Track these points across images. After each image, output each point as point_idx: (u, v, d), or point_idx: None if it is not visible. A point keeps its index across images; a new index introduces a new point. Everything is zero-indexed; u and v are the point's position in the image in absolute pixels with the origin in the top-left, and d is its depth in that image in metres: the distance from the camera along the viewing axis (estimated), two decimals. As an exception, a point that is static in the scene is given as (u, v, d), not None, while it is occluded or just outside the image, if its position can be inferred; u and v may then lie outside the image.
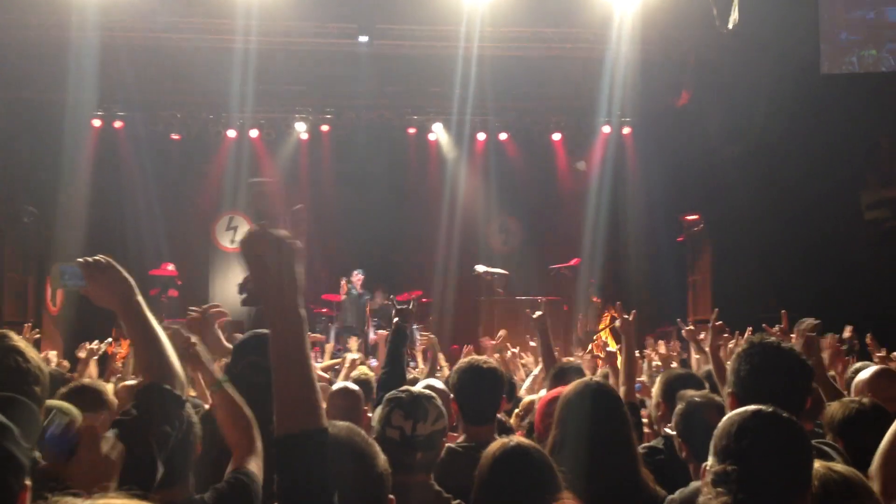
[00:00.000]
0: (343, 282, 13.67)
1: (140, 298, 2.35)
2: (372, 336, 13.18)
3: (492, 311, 12.87)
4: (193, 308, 3.52)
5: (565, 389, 3.27)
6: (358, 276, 13.65)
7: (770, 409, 2.11)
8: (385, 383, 4.06)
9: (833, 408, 3.25)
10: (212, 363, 2.84)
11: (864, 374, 3.83)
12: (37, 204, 12.98)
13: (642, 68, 13.24)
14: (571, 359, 7.48)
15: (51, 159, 12.76)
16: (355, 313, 13.66)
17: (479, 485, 2.50)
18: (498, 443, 2.56)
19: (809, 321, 4.16)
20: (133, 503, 1.37)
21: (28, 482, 1.64)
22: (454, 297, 14.40)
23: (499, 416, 3.86)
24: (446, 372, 7.33)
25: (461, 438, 3.39)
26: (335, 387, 4.21)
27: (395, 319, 4.50)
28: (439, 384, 4.13)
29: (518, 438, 2.61)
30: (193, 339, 2.87)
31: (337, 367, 7.22)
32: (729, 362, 2.91)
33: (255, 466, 2.57)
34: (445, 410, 2.91)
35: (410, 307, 4.62)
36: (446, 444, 3.26)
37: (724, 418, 2.19)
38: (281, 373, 1.67)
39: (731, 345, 4.97)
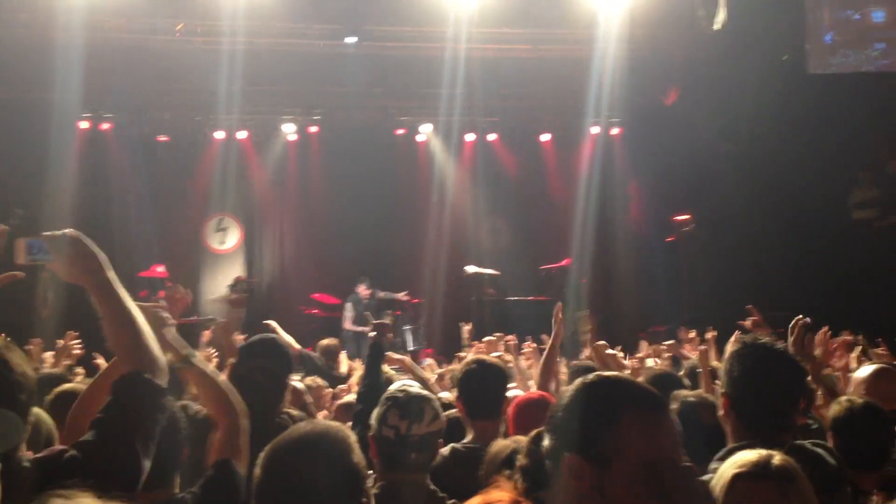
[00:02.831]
0: (349, 305, 13.61)
1: (113, 274, 2.18)
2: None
3: (482, 311, 12.87)
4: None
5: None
6: (364, 290, 13.63)
7: None
8: (364, 396, 4.04)
9: (832, 406, 3.26)
10: (179, 341, 2.76)
11: (863, 373, 3.83)
12: (24, 205, 12.88)
13: (630, 67, 13.24)
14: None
15: (37, 161, 12.66)
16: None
17: None
18: None
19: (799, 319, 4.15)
20: None
21: None
22: (444, 298, 14.37)
23: None
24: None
25: (468, 438, 3.40)
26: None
27: (372, 334, 4.44)
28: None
29: None
30: (169, 317, 2.84)
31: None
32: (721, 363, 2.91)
33: (235, 451, 2.52)
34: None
35: (388, 322, 4.63)
36: (451, 445, 3.27)
37: None
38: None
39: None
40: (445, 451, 3.26)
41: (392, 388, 2.99)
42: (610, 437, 1.63)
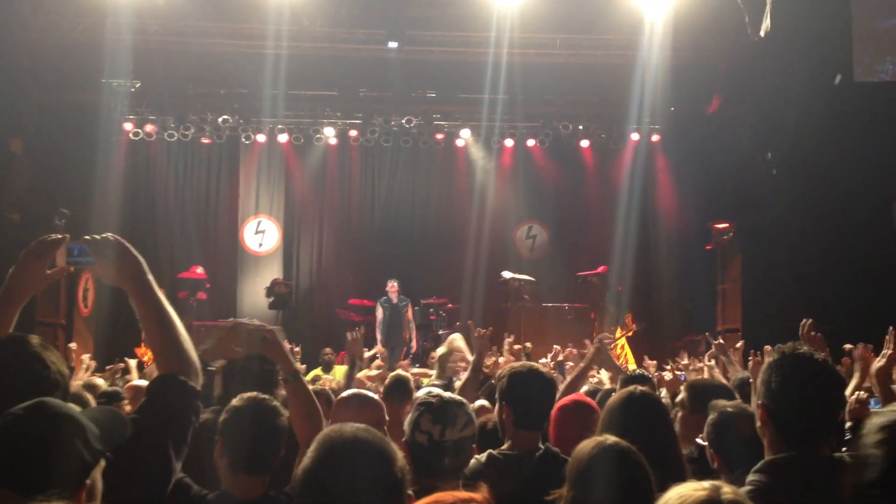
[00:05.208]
0: (378, 305, 13.64)
1: (150, 277, 2.23)
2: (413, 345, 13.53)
3: (518, 317, 12.83)
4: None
5: (612, 397, 3.26)
6: (393, 286, 13.61)
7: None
8: None
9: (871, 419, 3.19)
10: (289, 354, 3.08)
11: None
12: (69, 206, 13.13)
13: (672, 75, 13.17)
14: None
15: (83, 162, 12.90)
16: (394, 322, 13.57)
17: (575, 482, 2.40)
18: (592, 441, 2.47)
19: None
20: None
21: (90, 482, 1.70)
22: (481, 304, 14.33)
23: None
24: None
25: (506, 445, 3.35)
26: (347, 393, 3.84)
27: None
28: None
29: (614, 438, 2.46)
30: (270, 327, 3.07)
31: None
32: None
33: None
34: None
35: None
36: (489, 451, 3.25)
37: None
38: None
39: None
40: (482, 457, 3.21)
41: (422, 393, 3.01)
42: None
